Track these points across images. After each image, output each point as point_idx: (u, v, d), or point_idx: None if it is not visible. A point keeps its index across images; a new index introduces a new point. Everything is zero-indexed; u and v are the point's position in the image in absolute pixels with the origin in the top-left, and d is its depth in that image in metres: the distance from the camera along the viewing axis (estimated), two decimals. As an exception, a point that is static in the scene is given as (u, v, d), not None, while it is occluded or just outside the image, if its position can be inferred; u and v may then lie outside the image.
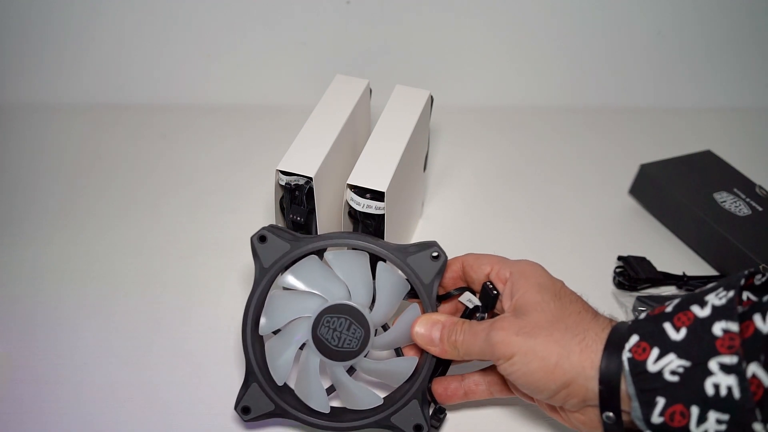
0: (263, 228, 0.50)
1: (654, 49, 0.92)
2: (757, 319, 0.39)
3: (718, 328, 0.40)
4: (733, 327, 0.39)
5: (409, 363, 0.52)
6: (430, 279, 0.50)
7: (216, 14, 0.87)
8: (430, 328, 0.50)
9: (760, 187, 0.74)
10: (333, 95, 0.64)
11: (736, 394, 0.38)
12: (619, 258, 0.69)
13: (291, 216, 0.57)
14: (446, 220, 0.75)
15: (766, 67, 0.94)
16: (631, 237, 0.73)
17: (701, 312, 0.41)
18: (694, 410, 0.39)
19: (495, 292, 0.50)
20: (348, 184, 0.57)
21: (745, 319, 0.39)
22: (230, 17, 0.87)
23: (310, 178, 0.56)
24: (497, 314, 0.51)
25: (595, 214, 0.76)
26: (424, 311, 0.51)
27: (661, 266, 0.68)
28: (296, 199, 0.57)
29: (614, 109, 0.93)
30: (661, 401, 0.41)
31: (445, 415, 0.53)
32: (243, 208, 0.75)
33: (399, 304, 0.52)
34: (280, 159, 0.57)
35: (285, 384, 0.52)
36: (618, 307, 0.65)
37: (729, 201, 0.71)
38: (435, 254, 0.50)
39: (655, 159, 0.77)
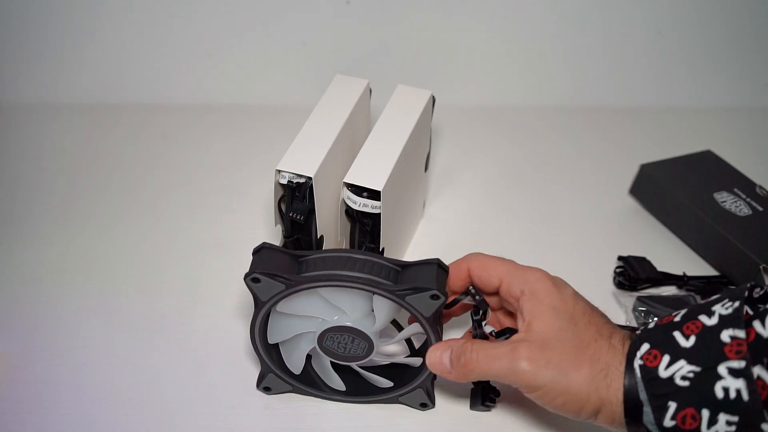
0: (255, 270, 0.49)
1: (654, 49, 0.92)
2: (757, 325, 0.42)
3: (726, 335, 0.42)
4: (741, 334, 0.42)
5: (413, 361, 0.55)
6: (431, 314, 0.49)
7: (216, 14, 0.87)
8: (440, 355, 0.50)
9: (761, 187, 0.74)
10: (333, 95, 0.64)
11: (745, 396, 0.40)
12: (619, 258, 0.69)
13: (291, 215, 0.57)
14: (448, 221, 0.75)
15: (766, 67, 0.94)
16: (631, 237, 0.73)
17: (709, 321, 0.44)
18: (705, 413, 0.42)
19: (478, 297, 0.52)
20: (345, 183, 0.57)
21: (746, 327, 0.42)
22: (230, 17, 0.87)
23: (310, 178, 0.56)
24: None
25: (595, 214, 0.76)
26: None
27: (661, 266, 0.68)
28: (297, 197, 0.57)
29: (614, 109, 0.92)
30: (672, 405, 0.43)
31: (498, 394, 0.54)
32: (243, 208, 0.75)
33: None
34: (280, 159, 0.57)
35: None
36: (618, 307, 0.65)
37: (729, 201, 0.71)
38: (433, 295, 0.48)
39: (655, 159, 0.77)
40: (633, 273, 0.67)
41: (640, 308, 0.64)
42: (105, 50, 0.89)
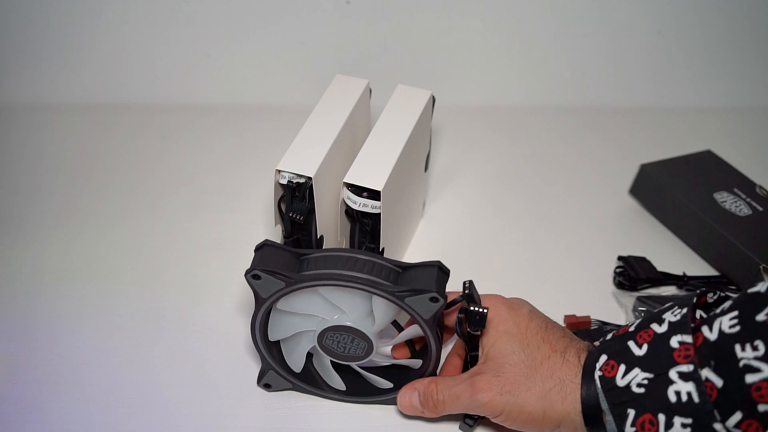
0: (256, 267, 0.49)
1: (654, 49, 0.92)
2: (705, 330, 0.44)
3: (675, 341, 0.44)
4: (688, 339, 0.44)
5: (413, 362, 0.55)
6: (430, 316, 0.49)
7: (216, 14, 0.87)
8: (409, 399, 0.53)
9: (761, 187, 0.74)
10: (333, 95, 0.64)
11: (696, 398, 0.42)
12: (619, 258, 0.69)
13: (291, 215, 0.57)
14: (448, 221, 0.75)
15: (766, 67, 0.94)
16: (631, 237, 0.73)
17: (659, 329, 0.46)
18: (661, 417, 0.43)
19: (466, 291, 0.51)
20: (345, 183, 0.57)
21: (695, 331, 0.44)
22: (230, 17, 0.87)
23: (310, 178, 0.56)
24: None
25: (595, 214, 0.76)
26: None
27: (661, 266, 0.68)
28: (297, 197, 0.57)
29: (614, 109, 0.93)
30: (631, 413, 0.45)
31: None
32: (243, 208, 0.75)
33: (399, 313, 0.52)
34: (280, 159, 0.57)
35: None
36: (618, 307, 0.65)
37: (729, 201, 0.71)
38: (432, 298, 0.48)
39: (655, 159, 0.77)
40: (633, 273, 0.67)
41: (640, 308, 0.64)
42: (105, 50, 0.89)
